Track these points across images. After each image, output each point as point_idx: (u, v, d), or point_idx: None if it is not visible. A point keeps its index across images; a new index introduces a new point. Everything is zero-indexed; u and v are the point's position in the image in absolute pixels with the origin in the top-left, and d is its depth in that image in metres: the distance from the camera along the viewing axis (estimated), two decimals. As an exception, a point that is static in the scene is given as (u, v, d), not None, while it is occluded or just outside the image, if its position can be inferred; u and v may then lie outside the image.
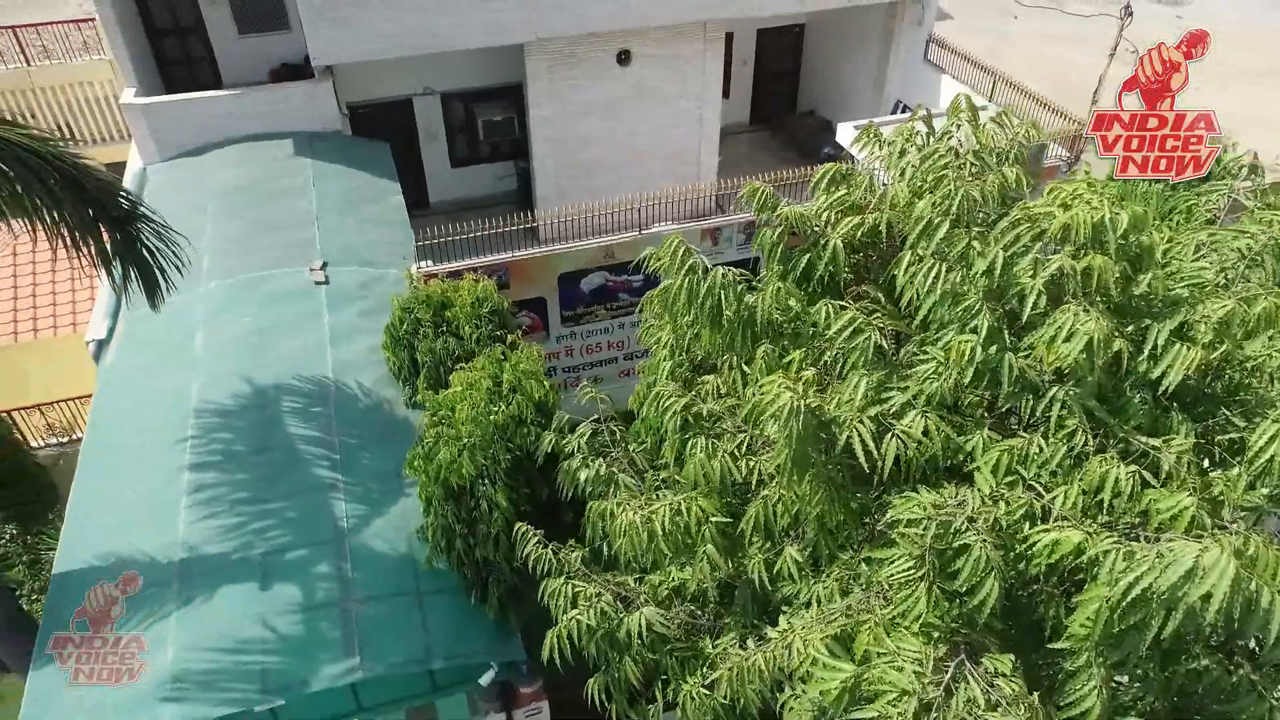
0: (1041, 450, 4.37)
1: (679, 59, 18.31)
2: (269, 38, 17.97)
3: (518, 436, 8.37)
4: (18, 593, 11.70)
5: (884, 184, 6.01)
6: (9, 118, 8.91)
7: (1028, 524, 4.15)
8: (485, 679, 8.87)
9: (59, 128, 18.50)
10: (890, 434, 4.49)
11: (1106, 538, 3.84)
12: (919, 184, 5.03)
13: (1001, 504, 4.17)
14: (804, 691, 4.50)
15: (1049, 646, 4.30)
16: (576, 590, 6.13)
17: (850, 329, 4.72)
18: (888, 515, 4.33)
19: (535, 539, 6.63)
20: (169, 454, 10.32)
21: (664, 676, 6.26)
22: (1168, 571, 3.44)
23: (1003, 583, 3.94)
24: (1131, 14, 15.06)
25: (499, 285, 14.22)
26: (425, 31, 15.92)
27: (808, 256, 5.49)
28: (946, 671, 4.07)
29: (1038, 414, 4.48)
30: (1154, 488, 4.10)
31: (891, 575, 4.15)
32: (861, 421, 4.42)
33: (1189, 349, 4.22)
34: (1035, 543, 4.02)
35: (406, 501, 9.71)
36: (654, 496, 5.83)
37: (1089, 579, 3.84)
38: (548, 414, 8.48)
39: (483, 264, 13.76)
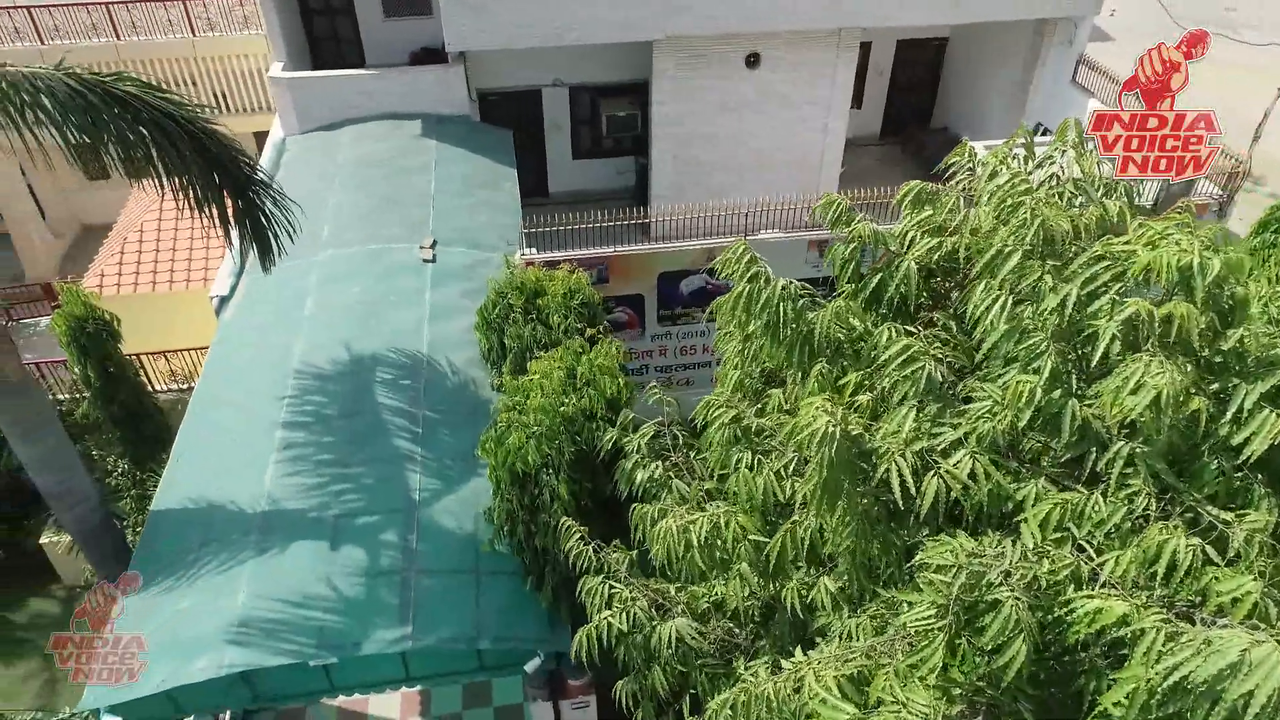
0: (1099, 509, 4.01)
1: (809, 65, 17.95)
2: (412, 21, 18.62)
3: (585, 430, 8.37)
4: (126, 524, 12.57)
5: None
6: (158, 82, 9.54)
7: (1072, 587, 3.81)
8: (531, 666, 8.93)
9: (215, 96, 19.76)
10: (933, 472, 4.21)
11: (1154, 613, 3.48)
12: (1002, 209, 4.70)
13: (1045, 561, 3.84)
14: (806, 729, 4.29)
15: (1085, 722, 3.95)
16: (613, 591, 6.07)
17: (904, 356, 4.46)
18: (917, 557, 4.07)
19: (577, 534, 6.60)
20: (267, 410, 10.84)
21: (693, 690, 6.13)
22: (1209, 661, 3.07)
23: (1033, 645, 3.62)
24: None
25: (599, 280, 14.36)
26: (557, 24, 16.15)
27: (880, 276, 5.23)
28: (960, 731, 3.79)
29: (1100, 470, 4.11)
30: (1217, 566, 3.69)
31: (911, 622, 3.89)
32: (903, 455, 4.16)
33: None
34: (1076, 608, 3.68)
35: (478, 482, 9.87)
36: (698, 506, 5.69)
37: (1130, 656, 3.49)
38: (619, 411, 8.44)
39: (584, 256, 13.87)
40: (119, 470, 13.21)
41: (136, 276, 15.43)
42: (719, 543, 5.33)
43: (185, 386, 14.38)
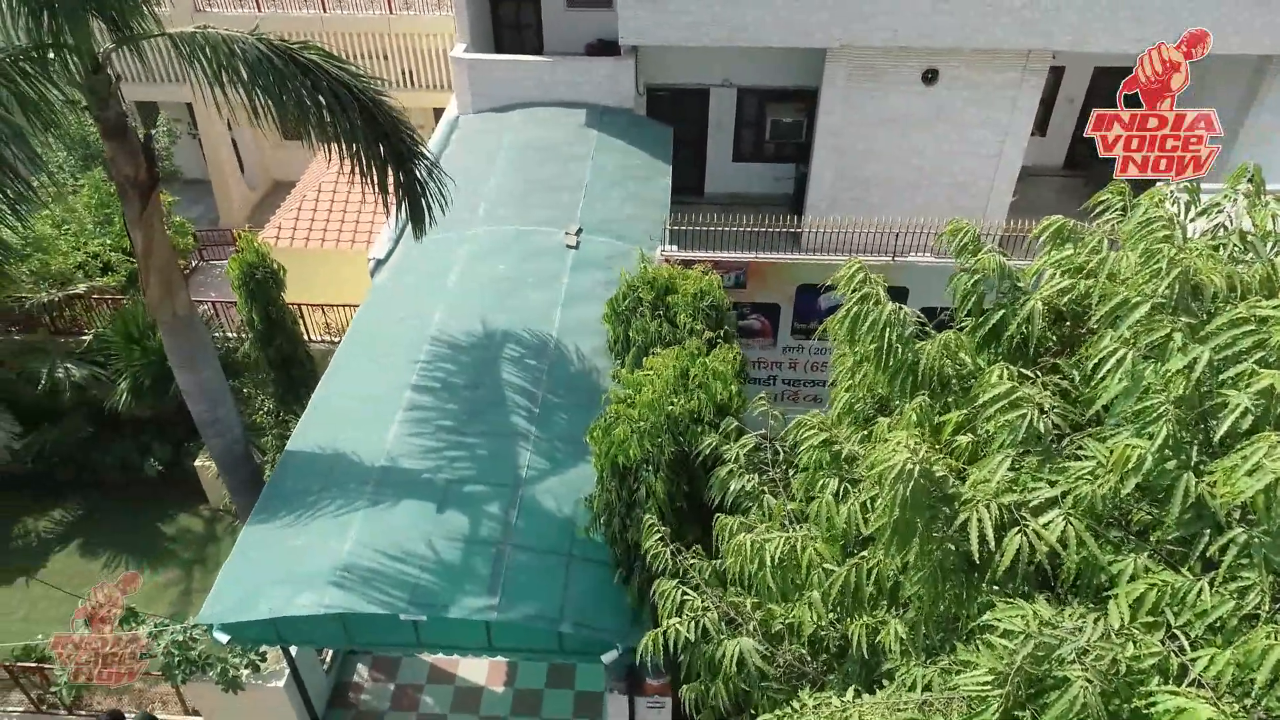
0: (1203, 598, 3.57)
1: (990, 86, 17.10)
2: (592, 13, 19.00)
3: (690, 432, 8.30)
4: (265, 459, 13.53)
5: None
6: (354, 55, 10.14)
7: (1156, 680, 3.42)
8: (608, 657, 8.96)
9: (403, 72, 20.89)
10: (1019, 529, 3.88)
11: (1242, 723, 3.07)
12: (1147, 256, 4.27)
13: (1130, 645, 3.46)
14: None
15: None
16: (686, 598, 5.98)
17: (1006, 400, 4.13)
18: (984, 617, 3.76)
19: (658, 534, 6.54)
20: (400, 371, 11.38)
21: (753, 713, 5.97)
22: None
23: (1099, 736, 3.27)
24: None
25: (736, 284, 14.20)
26: (731, 23, 16.07)
27: (1002, 313, 4.88)
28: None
29: (1211, 556, 3.66)
30: (1330, 684, 3.21)
31: (966, 685, 3.60)
32: (987, 506, 3.86)
33: None
34: (1157, 703, 3.30)
35: (583, 468, 9.99)
36: (780, 526, 5.52)
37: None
38: (726, 417, 8.32)
39: (724, 259, 13.76)
40: (265, 409, 14.22)
41: (309, 232, 16.54)
42: (794, 566, 5.15)
43: (335, 340, 15.29)
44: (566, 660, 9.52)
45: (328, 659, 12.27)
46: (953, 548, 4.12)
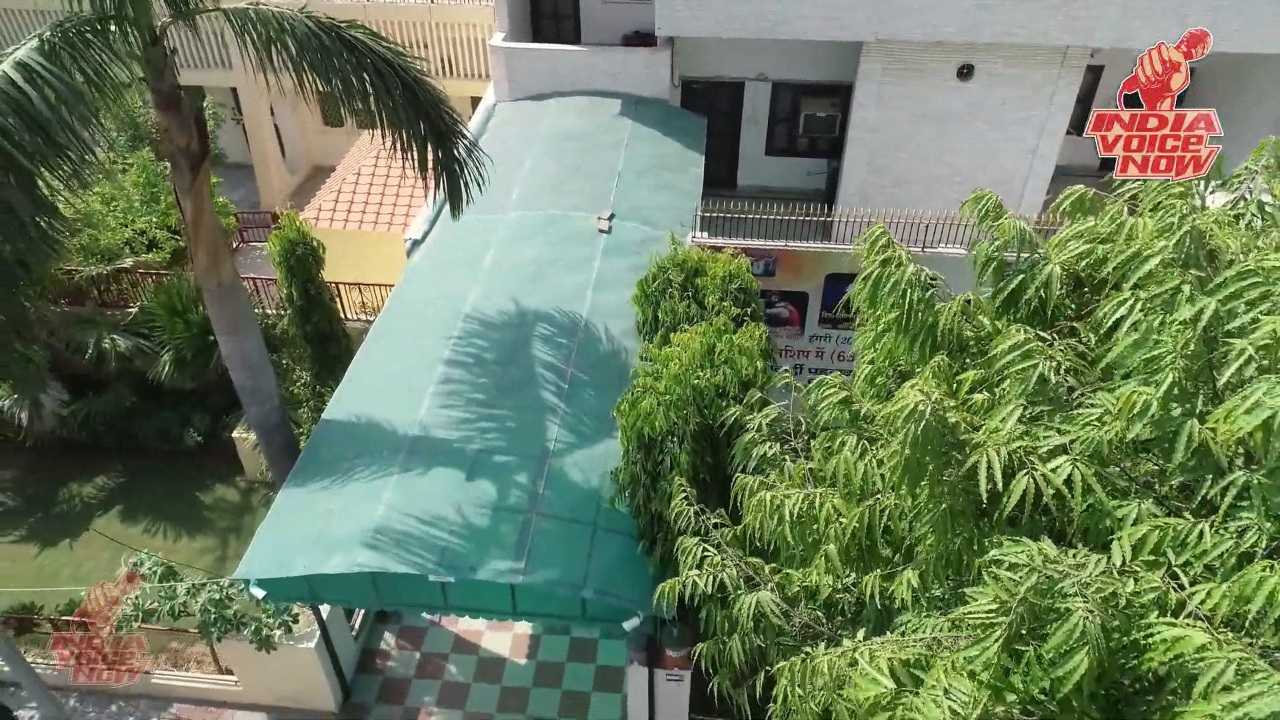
0: (1203, 539, 3.69)
1: (1027, 83, 17.07)
2: (629, 5, 19.21)
3: (715, 406, 8.48)
4: (300, 430, 13.89)
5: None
6: (385, 36, 10.43)
7: (1156, 614, 3.54)
8: (629, 625, 9.16)
9: (442, 59, 21.27)
10: (1025, 471, 4.02)
11: (1235, 649, 3.18)
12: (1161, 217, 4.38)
13: (1131, 582, 3.59)
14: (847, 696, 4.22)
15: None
16: (706, 554, 6.17)
17: (1019, 351, 4.27)
18: (990, 553, 3.90)
19: (684, 494, 6.73)
20: (434, 347, 11.67)
21: (769, 668, 6.13)
22: (1266, 699, 2.79)
23: (1098, 662, 3.40)
24: None
25: (765, 272, 14.37)
26: (769, 16, 16.20)
27: (1021, 277, 5.01)
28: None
29: (1212, 498, 3.77)
30: (1322, 616, 3.31)
31: (971, 614, 3.74)
32: (997, 450, 4.00)
33: None
34: (1155, 634, 3.42)
35: (609, 444, 10.20)
36: (798, 484, 5.68)
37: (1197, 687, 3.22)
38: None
39: (754, 246, 13.92)
40: (302, 382, 14.61)
41: (348, 214, 16.93)
42: (811, 521, 5.32)
43: (371, 319, 15.64)
44: (588, 627, 9.75)
45: (356, 625, 12.60)
46: (962, 491, 4.26)
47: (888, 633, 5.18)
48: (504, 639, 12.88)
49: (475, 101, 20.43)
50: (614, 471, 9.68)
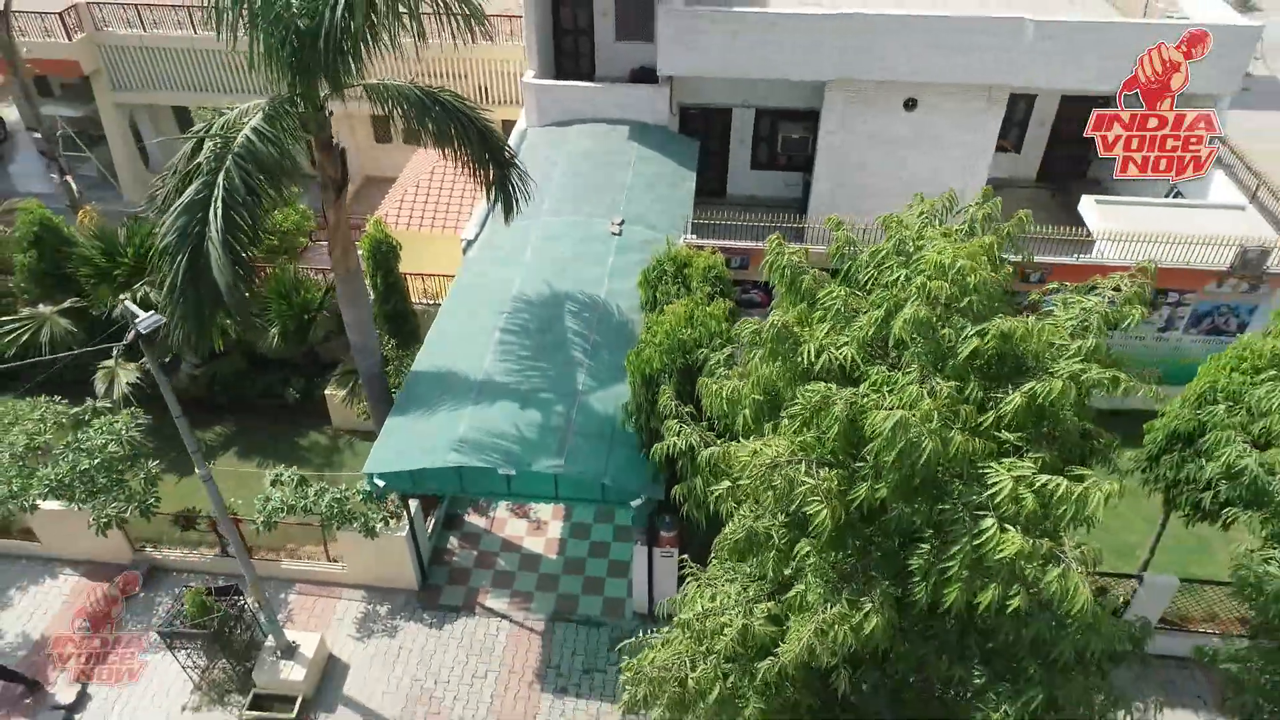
0: (899, 380, 7.68)
1: (960, 112, 20.95)
2: (636, 45, 23.08)
3: (694, 353, 12.52)
4: (390, 384, 17.96)
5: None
6: (439, 73, 14.45)
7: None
8: (635, 503, 13.26)
9: (478, 88, 25.30)
10: (824, 352, 8.08)
11: (891, 402, 7.19)
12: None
13: (870, 397, 7.62)
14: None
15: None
16: (682, 429, 10.20)
17: (833, 298, 8.34)
18: (809, 386, 7.89)
19: (668, 395, 10.79)
20: (490, 319, 15.76)
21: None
22: (884, 419, 6.81)
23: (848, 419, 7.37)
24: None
25: (741, 265, 18.42)
26: (753, 61, 20.16)
27: (848, 266, 9.12)
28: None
29: (903, 365, 7.86)
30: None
31: (791, 413, 7.74)
32: (814, 342, 8.09)
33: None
34: (872, 415, 7.39)
35: (621, 387, 14.26)
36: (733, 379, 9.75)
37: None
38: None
39: (731, 246, 17.96)
40: (389, 346, 18.72)
41: (410, 217, 21.03)
42: (735, 399, 9.33)
43: (432, 302, 19.75)
44: (610, 503, 13.81)
45: (431, 527, 16.71)
46: (798, 364, 8.30)
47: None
48: (539, 542, 17.00)
49: (506, 124, 24.44)
50: (624, 404, 13.74)
